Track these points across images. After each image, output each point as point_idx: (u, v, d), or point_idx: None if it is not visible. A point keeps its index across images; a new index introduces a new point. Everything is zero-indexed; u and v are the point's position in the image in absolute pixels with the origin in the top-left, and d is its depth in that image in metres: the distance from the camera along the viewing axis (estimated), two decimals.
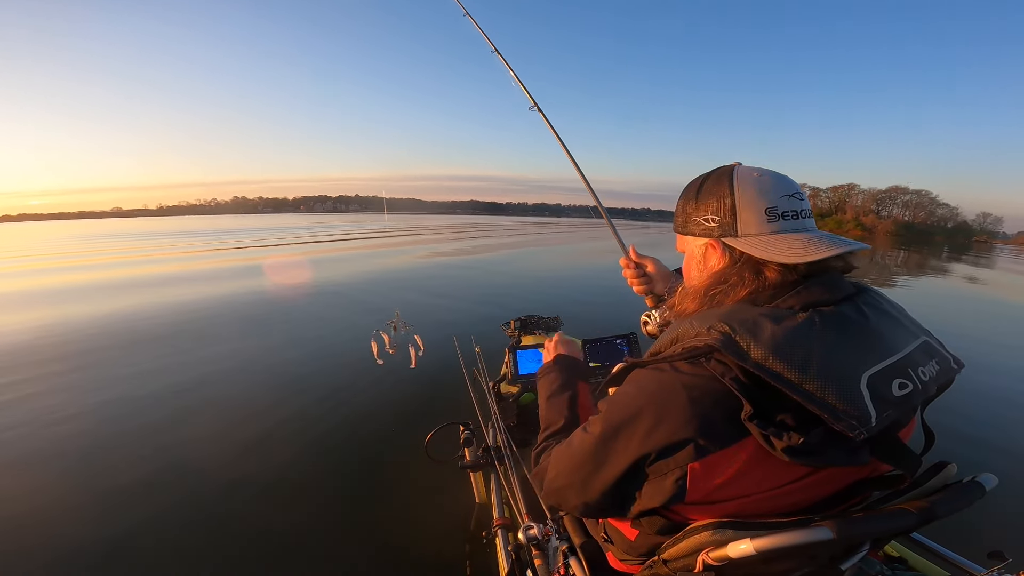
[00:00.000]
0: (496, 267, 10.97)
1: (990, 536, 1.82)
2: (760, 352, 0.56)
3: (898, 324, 0.64)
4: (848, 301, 0.64)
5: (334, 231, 27.62)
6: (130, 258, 13.87)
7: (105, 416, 2.99)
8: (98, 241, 22.98)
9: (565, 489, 0.73)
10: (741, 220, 0.68)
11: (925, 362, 0.61)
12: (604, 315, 5.88)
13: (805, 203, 0.69)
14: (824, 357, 0.55)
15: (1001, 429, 2.99)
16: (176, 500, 2.18)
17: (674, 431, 0.59)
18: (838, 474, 0.65)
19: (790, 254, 0.63)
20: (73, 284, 8.68)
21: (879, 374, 0.57)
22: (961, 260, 21.78)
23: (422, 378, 3.56)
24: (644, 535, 0.77)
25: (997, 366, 4.43)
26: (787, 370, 0.55)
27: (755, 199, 0.68)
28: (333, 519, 2.05)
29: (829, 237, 0.65)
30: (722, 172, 0.72)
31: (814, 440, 0.55)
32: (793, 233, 0.66)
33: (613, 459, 0.65)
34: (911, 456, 0.60)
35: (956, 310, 7.92)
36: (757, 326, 0.58)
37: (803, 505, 0.65)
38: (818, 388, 0.54)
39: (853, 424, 0.53)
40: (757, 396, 0.56)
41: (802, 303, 0.62)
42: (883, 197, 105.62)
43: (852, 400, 0.54)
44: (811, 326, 0.58)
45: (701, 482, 0.60)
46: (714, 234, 0.71)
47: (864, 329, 0.60)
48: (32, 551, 1.84)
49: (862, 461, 0.57)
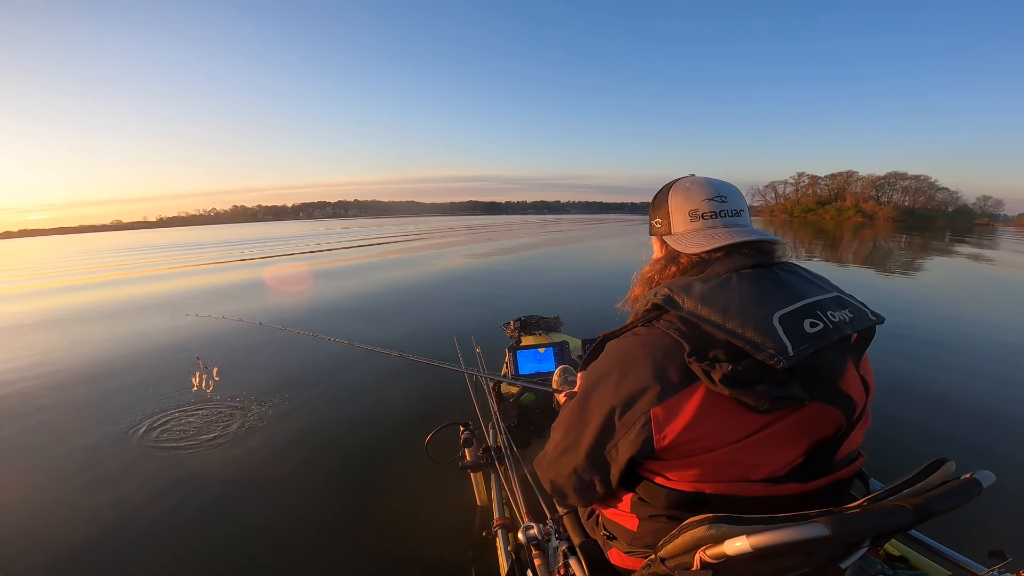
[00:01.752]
0: (502, 268, 10.97)
1: (991, 535, 1.80)
2: (691, 303, 0.70)
3: (809, 282, 0.77)
4: (764, 267, 0.77)
5: (341, 238, 27.20)
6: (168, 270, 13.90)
7: (102, 417, 3.00)
8: (124, 255, 22.06)
9: (561, 457, 0.83)
10: (673, 221, 0.86)
11: (836, 309, 0.71)
12: (604, 315, 5.86)
13: (729, 204, 0.83)
14: (741, 302, 0.68)
15: (1002, 426, 2.93)
16: (177, 500, 2.19)
17: (635, 382, 0.71)
18: (795, 427, 0.70)
19: (694, 246, 0.81)
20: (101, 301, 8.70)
21: (789, 314, 0.68)
22: (965, 243, 21.62)
23: (422, 378, 3.56)
24: (645, 523, 0.80)
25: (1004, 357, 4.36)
26: (712, 314, 0.68)
27: (682, 204, 0.85)
28: (333, 519, 2.06)
29: (745, 230, 0.81)
30: (668, 185, 0.90)
31: (747, 372, 0.64)
32: (709, 230, 0.81)
33: (592, 415, 0.77)
34: (846, 398, 0.69)
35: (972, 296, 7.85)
36: (689, 286, 0.73)
37: (776, 468, 0.71)
38: (738, 326, 0.66)
39: (771, 353, 0.63)
40: (695, 340, 0.68)
41: (726, 269, 0.76)
42: (882, 183, 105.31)
43: (768, 333, 0.65)
44: (730, 281, 0.72)
45: (665, 427, 0.69)
46: (659, 233, 0.90)
47: (775, 282, 0.73)
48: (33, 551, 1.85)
49: (794, 394, 0.65)
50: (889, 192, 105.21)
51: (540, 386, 1.84)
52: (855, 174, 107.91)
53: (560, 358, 2.03)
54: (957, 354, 4.36)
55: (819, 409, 0.68)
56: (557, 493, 0.89)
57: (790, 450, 0.71)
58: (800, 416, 0.69)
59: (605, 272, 9.79)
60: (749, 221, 0.85)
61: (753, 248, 0.80)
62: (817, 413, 0.69)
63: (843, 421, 0.69)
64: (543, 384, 2.00)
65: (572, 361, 2.07)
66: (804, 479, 0.72)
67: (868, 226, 53.32)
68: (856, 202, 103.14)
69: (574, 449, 0.80)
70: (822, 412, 0.69)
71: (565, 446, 0.82)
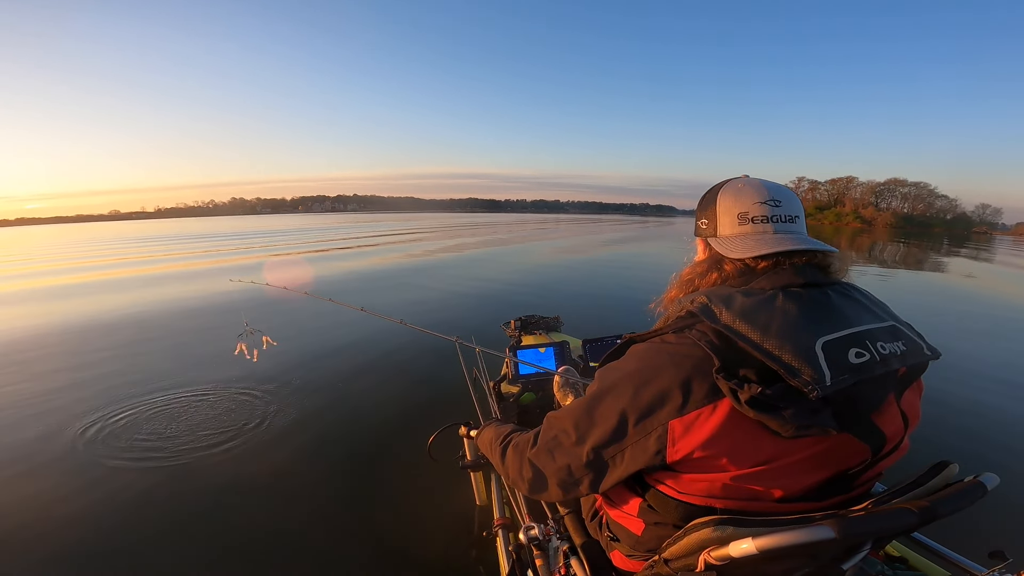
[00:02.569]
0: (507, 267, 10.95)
1: (991, 536, 1.81)
2: (729, 317, 0.66)
3: (863, 307, 0.71)
4: (816, 287, 0.71)
5: (363, 231, 26.86)
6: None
7: (99, 413, 2.99)
8: (130, 245, 21.58)
9: (556, 449, 0.79)
10: (720, 223, 0.81)
11: (888, 340, 0.67)
12: (604, 315, 5.87)
13: (783, 208, 0.77)
14: (783, 323, 0.64)
15: (1002, 426, 2.95)
16: (177, 501, 2.18)
17: (657, 390, 0.67)
18: (818, 457, 0.66)
19: (740, 251, 0.75)
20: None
21: (835, 341, 0.63)
22: (960, 254, 21.67)
23: (423, 378, 3.56)
24: (650, 528, 0.79)
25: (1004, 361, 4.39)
26: (750, 331, 0.63)
27: (731, 206, 0.79)
28: (333, 519, 2.05)
29: (798, 238, 0.74)
30: (719, 184, 0.85)
31: (775, 395, 0.60)
32: (759, 235, 0.76)
33: (602, 416, 0.72)
34: (877, 432, 0.65)
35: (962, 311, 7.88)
36: (730, 298, 0.68)
37: (793, 492, 0.67)
38: (776, 347, 0.61)
39: (806, 380, 0.59)
40: (727, 356, 0.64)
41: (772, 285, 0.70)
42: (882, 189, 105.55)
43: (807, 359, 0.60)
44: (774, 299, 0.67)
45: (680, 441, 0.66)
46: (704, 235, 0.84)
47: (825, 306, 0.68)
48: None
49: (824, 424, 0.61)
50: (888, 198, 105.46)
51: (542, 370, 1.83)
52: (855, 180, 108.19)
53: (560, 358, 2.03)
54: (957, 356, 4.38)
55: (846, 440, 0.65)
56: (530, 481, 0.84)
57: (809, 477, 0.68)
58: (826, 446, 0.66)
59: (605, 272, 9.80)
60: (805, 229, 0.79)
61: (805, 259, 0.74)
62: (844, 444, 0.66)
63: (869, 456, 0.67)
64: (543, 384, 2.01)
65: (572, 361, 2.08)
66: (819, 499, 0.70)
67: (867, 232, 53.39)
68: (855, 208, 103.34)
69: (574, 445, 0.76)
70: (849, 444, 0.66)
71: (564, 440, 0.78)
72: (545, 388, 1.99)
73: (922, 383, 0.76)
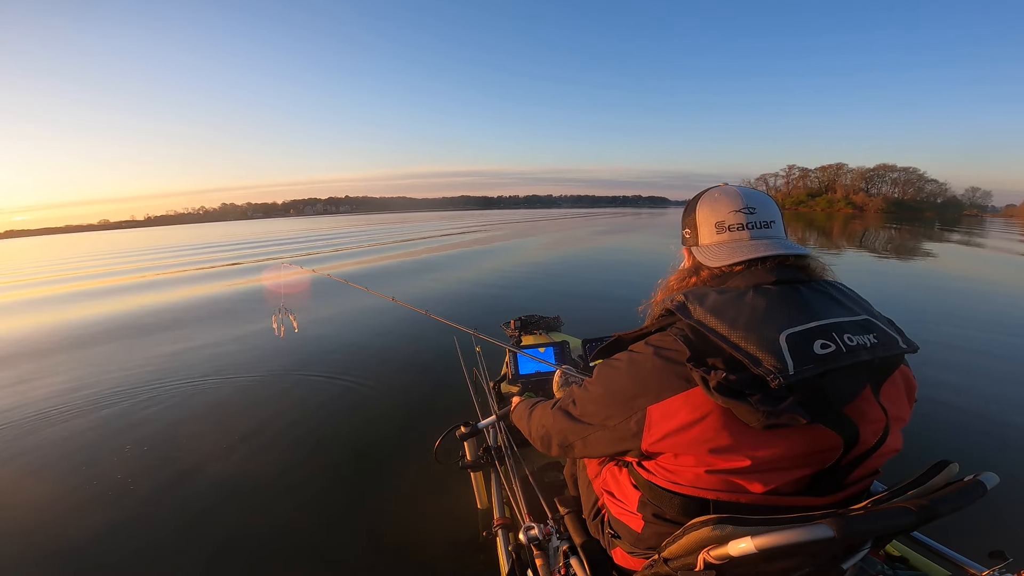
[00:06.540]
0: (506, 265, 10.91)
1: (991, 535, 1.81)
2: (702, 312, 0.71)
3: (835, 302, 0.73)
4: (787, 284, 0.75)
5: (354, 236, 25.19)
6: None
7: (99, 413, 2.97)
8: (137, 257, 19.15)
9: (562, 414, 0.89)
10: (700, 233, 0.86)
11: (857, 332, 0.69)
12: (604, 315, 5.86)
13: (758, 215, 0.81)
14: (750, 316, 0.68)
15: (1002, 426, 2.88)
16: (177, 501, 2.18)
17: (639, 380, 0.75)
18: (797, 448, 0.67)
19: (717, 260, 0.81)
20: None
21: (800, 333, 0.66)
22: (952, 236, 21.74)
23: (423, 378, 3.55)
24: (650, 525, 0.81)
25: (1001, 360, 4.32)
26: (719, 325, 0.69)
27: (709, 216, 0.85)
28: (333, 519, 2.05)
29: (774, 243, 0.79)
30: (699, 194, 0.90)
31: (741, 382, 0.64)
32: (734, 243, 0.81)
33: (598, 398, 0.81)
34: (848, 424, 0.67)
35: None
36: (705, 296, 0.74)
37: (782, 486, 0.69)
38: (741, 339, 0.66)
39: (768, 369, 0.63)
40: (699, 348, 0.70)
41: (746, 283, 0.76)
42: (871, 175, 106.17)
43: (770, 350, 0.64)
44: (744, 295, 0.72)
45: (656, 426, 0.72)
46: (688, 244, 0.91)
47: (794, 301, 0.71)
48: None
49: (793, 411, 0.63)
50: (879, 184, 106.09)
51: (543, 362, 1.84)
52: (845, 166, 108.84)
53: (560, 358, 2.03)
54: (960, 352, 4.35)
55: (820, 432, 0.67)
56: (540, 437, 0.97)
57: (794, 470, 0.69)
58: (801, 438, 0.67)
59: (605, 272, 9.77)
60: (783, 232, 0.83)
61: (778, 263, 0.78)
62: (818, 437, 0.67)
63: (841, 447, 0.67)
64: (543, 384, 2.01)
65: (572, 361, 2.07)
66: (812, 495, 0.71)
67: (858, 218, 53.62)
68: (846, 194, 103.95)
69: (573, 415, 0.86)
70: (823, 436, 0.67)
71: (570, 410, 0.88)
72: (545, 388, 1.99)
73: (914, 381, 0.76)
